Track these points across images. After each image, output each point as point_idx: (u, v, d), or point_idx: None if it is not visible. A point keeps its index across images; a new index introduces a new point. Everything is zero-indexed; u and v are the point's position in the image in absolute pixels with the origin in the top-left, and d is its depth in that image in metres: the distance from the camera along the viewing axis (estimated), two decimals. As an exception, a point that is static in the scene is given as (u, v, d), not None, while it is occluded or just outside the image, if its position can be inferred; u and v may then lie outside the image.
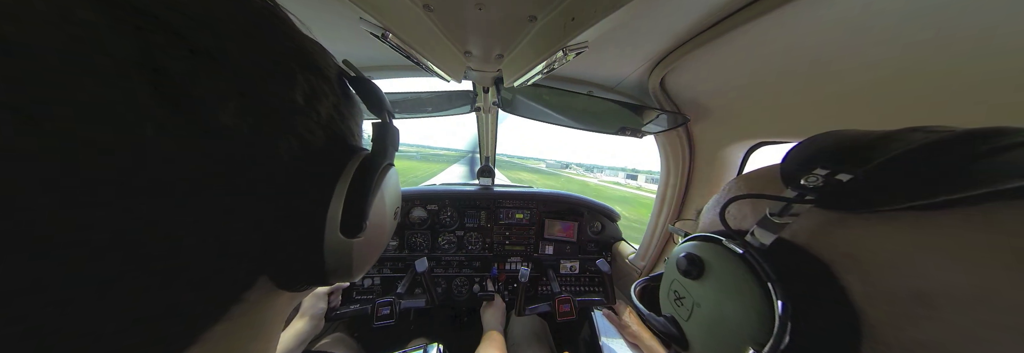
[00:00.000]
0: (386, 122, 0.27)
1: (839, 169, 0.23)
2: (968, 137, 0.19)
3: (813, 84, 0.68)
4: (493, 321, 1.19)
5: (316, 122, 0.21)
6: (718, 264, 0.27)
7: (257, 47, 0.17)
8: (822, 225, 0.23)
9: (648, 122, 1.10)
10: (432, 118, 1.33)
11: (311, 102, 0.20)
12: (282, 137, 0.18)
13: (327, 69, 0.23)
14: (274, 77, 0.18)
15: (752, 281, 0.24)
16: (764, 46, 0.64)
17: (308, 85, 0.20)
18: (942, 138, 0.20)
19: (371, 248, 0.25)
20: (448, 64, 0.81)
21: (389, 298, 1.16)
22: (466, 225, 1.56)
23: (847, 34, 0.53)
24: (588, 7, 0.51)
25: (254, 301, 0.20)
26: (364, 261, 0.25)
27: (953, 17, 0.43)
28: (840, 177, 0.22)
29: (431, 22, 0.67)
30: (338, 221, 0.21)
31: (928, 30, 0.46)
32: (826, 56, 0.60)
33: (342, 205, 0.21)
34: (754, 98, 0.84)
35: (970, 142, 0.19)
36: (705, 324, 0.28)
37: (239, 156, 0.16)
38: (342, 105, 0.24)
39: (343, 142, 0.24)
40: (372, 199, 0.22)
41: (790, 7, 0.50)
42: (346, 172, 0.21)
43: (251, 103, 0.16)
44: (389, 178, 0.26)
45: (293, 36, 0.20)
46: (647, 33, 0.70)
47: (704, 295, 0.28)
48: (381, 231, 0.27)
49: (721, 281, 0.27)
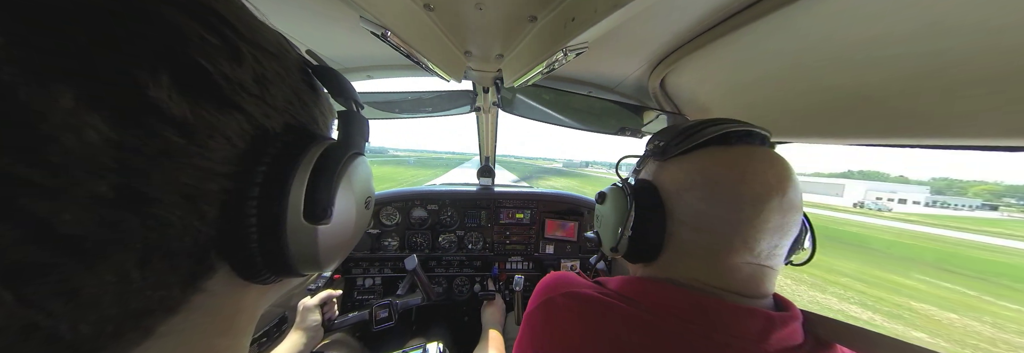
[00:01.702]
0: (352, 111, 0.27)
1: (664, 140, 0.47)
2: (697, 123, 0.45)
3: (812, 84, 0.68)
4: (493, 320, 1.19)
5: (271, 105, 0.21)
6: (611, 194, 0.51)
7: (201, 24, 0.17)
8: (655, 169, 0.48)
9: (648, 122, 1.10)
10: (432, 118, 1.33)
11: (263, 84, 0.20)
12: (229, 116, 0.18)
13: (283, 54, 0.22)
14: (218, 54, 0.17)
15: (623, 198, 0.47)
16: (764, 47, 0.64)
17: (259, 66, 0.20)
18: (690, 124, 0.45)
19: (340, 237, 0.25)
20: (448, 64, 0.81)
21: (386, 301, 1.16)
22: (467, 225, 1.56)
23: (846, 35, 0.53)
24: (588, 7, 0.51)
25: (216, 292, 0.20)
26: (333, 250, 0.24)
27: (952, 18, 0.43)
28: (660, 144, 0.47)
29: (431, 22, 0.68)
30: (301, 207, 0.20)
31: (927, 30, 0.46)
32: (825, 57, 0.60)
33: (304, 190, 0.21)
34: (754, 98, 0.84)
35: (701, 124, 0.44)
36: (605, 227, 0.52)
37: (178, 131, 0.15)
38: (303, 92, 0.24)
39: (305, 129, 0.24)
40: (337, 185, 0.22)
41: (789, 9, 0.50)
42: (308, 158, 0.21)
43: (188, 78, 0.16)
44: (357, 166, 0.26)
45: (242, 17, 0.20)
46: (647, 33, 0.70)
47: (604, 211, 0.53)
48: (350, 220, 0.26)
49: (612, 202, 0.50)
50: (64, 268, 0.13)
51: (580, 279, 0.51)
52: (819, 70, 0.64)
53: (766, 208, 0.38)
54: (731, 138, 0.43)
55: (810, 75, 0.67)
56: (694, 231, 0.42)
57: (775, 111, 0.81)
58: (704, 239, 0.41)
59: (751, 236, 0.39)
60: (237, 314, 0.23)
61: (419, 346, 0.96)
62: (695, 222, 0.42)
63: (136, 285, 0.15)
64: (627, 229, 0.45)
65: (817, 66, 0.63)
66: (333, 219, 0.22)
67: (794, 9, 0.50)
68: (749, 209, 0.38)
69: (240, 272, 0.21)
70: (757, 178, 0.39)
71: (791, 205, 0.40)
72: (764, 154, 0.41)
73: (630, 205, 0.45)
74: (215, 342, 0.21)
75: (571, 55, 0.60)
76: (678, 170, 0.44)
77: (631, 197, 0.46)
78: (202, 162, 0.17)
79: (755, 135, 0.44)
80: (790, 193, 0.40)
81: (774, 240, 0.40)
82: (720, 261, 0.41)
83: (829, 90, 0.67)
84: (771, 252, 0.41)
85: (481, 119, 1.43)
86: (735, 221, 0.39)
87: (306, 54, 0.27)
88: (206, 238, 0.18)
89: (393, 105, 1.24)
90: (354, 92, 0.28)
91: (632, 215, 0.45)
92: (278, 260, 0.21)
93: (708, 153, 0.43)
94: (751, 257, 0.40)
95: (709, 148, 0.43)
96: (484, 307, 1.29)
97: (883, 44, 0.51)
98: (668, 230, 0.44)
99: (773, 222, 0.39)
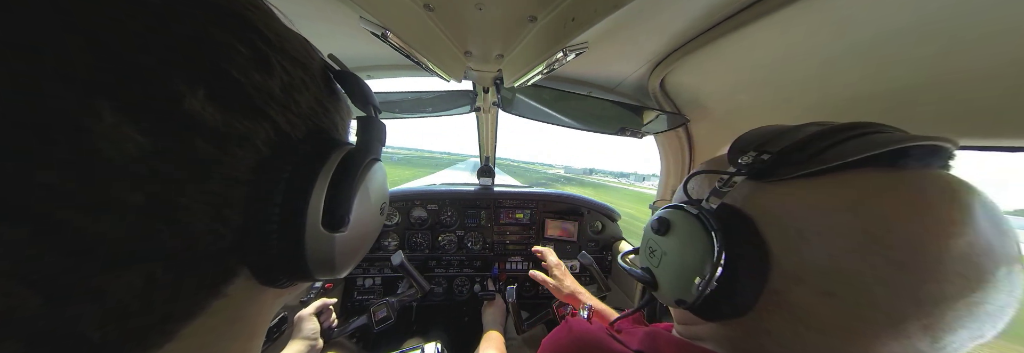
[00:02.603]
0: (371, 117, 0.27)
1: (763, 151, 0.32)
2: (833, 129, 0.30)
3: (812, 84, 0.68)
4: (493, 320, 1.19)
5: (295, 113, 0.21)
6: (679, 223, 0.36)
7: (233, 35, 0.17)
8: (750, 191, 0.33)
9: (648, 123, 1.10)
10: (432, 118, 1.33)
11: (289, 92, 0.20)
12: (257, 125, 0.18)
13: (308, 61, 0.23)
14: (249, 65, 0.17)
15: (701, 232, 0.33)
16: (764, 47, 0.64)
17: (286, 75, 0.20)
18: (822, 130, 0.30)
19: (355, 244, 0.25)
20: (448, 64, 0.81)
21: (383, 300, 1.17)
22: (467, 225, 1.56)
23: (845, 35, 0.53)
24: (588, 7, 0.51)
25: (235, 296, 0.20)
26: (348, 257, 0.24)
27: (949, 20, 0.43)
28: (763, 157, 0.32)
29: (431, 22, 0.68)
30: (320, 214, 0.20)
31: (927, 30, 0.46)
32: (825, 57, 0.60)
33: (324, 198, 0.21)
34: (754, 99, 0.84)
35: (838, 132, 0.30)
36: (668, 267, 0.37)
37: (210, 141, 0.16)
38: (325, 98, 0.24)
39: (326, 135, 0.24)
40: (355, 193, 0.22)
41: (789, 9, 0.50)
42: (328, 165, 0.21)
43: (221, 89, 0.16)
44: (374, 173, 0.26)
45: (272, 26, 0.20)
46: (647, 34, 0.70)
47: (669, 246, 0.38)
48: (366, 227, 0.26)
49: (680, 235, 0.36)
50: (95, 275, 0.13)
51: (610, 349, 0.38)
52: (820, 70, 0.64)
53: (989, 280, 0.24)
54: (907, 156, 0.27)
55: (811, 75, 0.67)
56: (825, 296, 0.27)
57: (776, 111, 0.81)
58: (843, 310, 0.27)
59: (946, 322, 0.24)
60: (254, 317, 0.23)
61: (417, 346, 0.95)
62: (829, 284, 0.27)
63: (163, 290, 0.15)
64: (711, 281, 0.31)
65: (818, 66, 0.63)
66: (350, 226, 0.22)
67: (794, 9, 0.50)
68: (958, 281, 0.24)
69: (259, 277, 0.21)
70: (969, 229, 0.24)
71: (1019, 272, 0.25)
72: (965, 187, 0.26)
73: (718, 247, 0.31)
74: (232, 344, 0.21)
75: (571, 55, 0.60)
76: (803, 201, 0.29)
77: (718, 234, 0.31)
78: (230, 171, 0.17)
79: (942, 153, 0.28)
80: (1014, 251, 0.25)
81: (983, 329, 0.25)
82: (866, 346, 0.26)
83: (831, 90, 0.67)
84: (964, 345, 0.26)
85: (481, 119, 1.43)
86: (923, 297, 0.24)
87: (328, 58, 0.27)
88: (229, 244, 0.18)
89: (393, 105, 1.24)
90: (373, 97, 0.28)
91: (722, 260, 0.31)
92: (296, 266, 0.21)
93: (865, 179, 0.27)
94: (929, 348, 0.25)
95: (864, 171, 0.28)
96: (484, 307, 1.29)
97: (884, 43, 0.51)
98: (769, 286, 0.30)
99: (995, 303, 0.24)
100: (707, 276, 0.31)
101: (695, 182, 0.41)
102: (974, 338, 0.26)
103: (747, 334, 0.33)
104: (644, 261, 0.42)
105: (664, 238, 0.38)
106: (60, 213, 0.12)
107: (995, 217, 0.25)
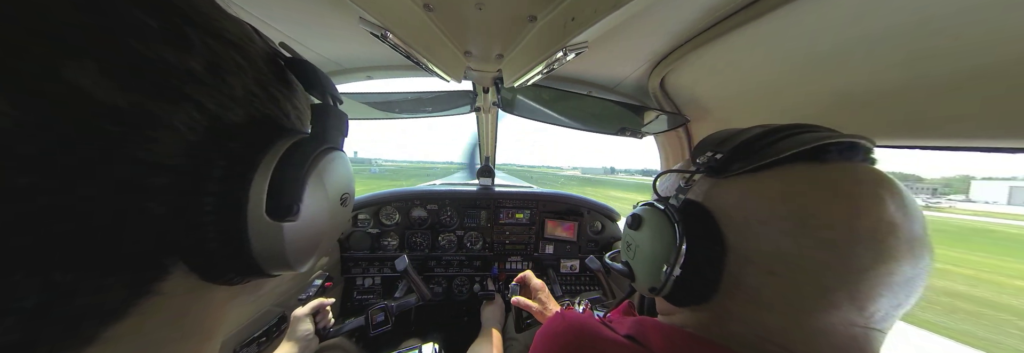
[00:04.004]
0: (327, 105, 0.26)
1: (718, 151, 0.36)
2: (772, 130, 0.35)
3: (812, 84, 0.68)
4: (492, 319, 1.20)
5: (228, 96, 0.19)
6: (649, 218, 0.41)
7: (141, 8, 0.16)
8: (708, 187, 0.37)
9: (648, 122, 1.10)
10: (432, 124, 1.33)
11: (217, 73, 0.19)
12: (175, 106, 0.17)
13: (245, 43, 0.21)
14: (158, 40, 0.16)
15: (667, 225, 0.37)
16: (763, 47, 0.64)
17: (211, 54, 0.19)
18: (764, 131, 0.35)
19: (311, 234, 0.24)
20: (448, 64, 0.81)
21: (382, 304, 1.15)
22: (466, 225, 1.56)
23: (845, 35, 0.53)
24: (588, 7, 0.51)
25: (174, 294, 0.18)
26: (304, 248, 0.23)
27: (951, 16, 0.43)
28: (717, 156, 0.36)
29: (431, 22, 0.68)
30: (263, 203, 0.19)
31: (928, 29, 0.46)
32: (825, 56, 0.60)
33: (267, 185, 0.19)
34: (754, 98, 0.84)
35: (775, 132, 0.35)
36: (641, 258, 0.42)
37: (109, 120, 0.14)
38: (271, 85, 0.23)
39: (272, 122, 0.23)
40: (305, 180, 0.21)
41: (789, 8, 0.50)
42: (273, 151, 0.20)
43: (119, 63, 0.15)
44: (331, 161, 0.25)
45: (194, 4, 0.19)
46: (647, 33, 0.70)
47: (641, 239, 0.42)
48: (323, 216, 0.25)
49: (650, 228, 0.40)
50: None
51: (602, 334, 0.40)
52: (820, 70, 0.64)
53: (894, 255, 0.28)
54: (828, 152, 0.32)
55: (812, 75, 0.67)
56: (769, 275, 0.31)
57: (776, 110, 0.81)
58: (784, 287, 0.31)
59: (866, 291, 0.29)
60: (203, 317, 0.22)
61: (414, 347, 0.95)
62: (771, 264, 0.31)
63: (67, 289, 0.14)
64: (675, 267, 0.35)
65: (819, 66, 0.63)
66: (302, 216, 0.21)
67: (794, 8, 0.50)
68: (868, 255, 0.28)
69: (200, 273, 0.19)
70: (876, 211, 0.29)
71: (923, 248, 0.29)
72: (876, 176, 0.31)
73: (679, 237, 0.35)
74: (177, 346, 0.20)
75: (571, 55, 0.60)
76: (747, 193, 0.34)
77: (679, 225, 0.36)
78: (142, 154, 0.15)
79: (858, 148, 0.33)
80: (919, 231, 0.29)
81: (899, 298, 0.30)
82: (808, 319, 0.31)
83: (832, 90, 0.67)
84: (889, 313, 0.30)
85: (481, 119, 1.44)
86: (844, 270, 0.29)
87: (280, 47, 0.26)
88: (153, 237, 0.16)
89: (393, 105, 1.24)
90: (331, 86, 0.27)
91: (683, 250, 0.35)
92: (240, 260, 0.20)
93: (795, 172, 0.32)
94: (859, 317, 0.30)
95: (795, 165, 0.32)
96: (483, 306, 1.29)
97: (884, 42, 0.51)
98: (726, 269, 0.34)
99: (902, 274, 0.29)
100: (672, 262, 0.36)
101: (665, 181, 0.46)
102: (895, 306, 0.30)
103: (717, 319, 0.36)
104: (624, 255, 0.47)
105: (637, 232, 0.43)
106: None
107: (902, 202, 0.30)
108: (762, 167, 0.33)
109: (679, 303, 0.39)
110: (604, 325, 0.42)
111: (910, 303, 0.31)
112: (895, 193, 0.30)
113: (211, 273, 0.20)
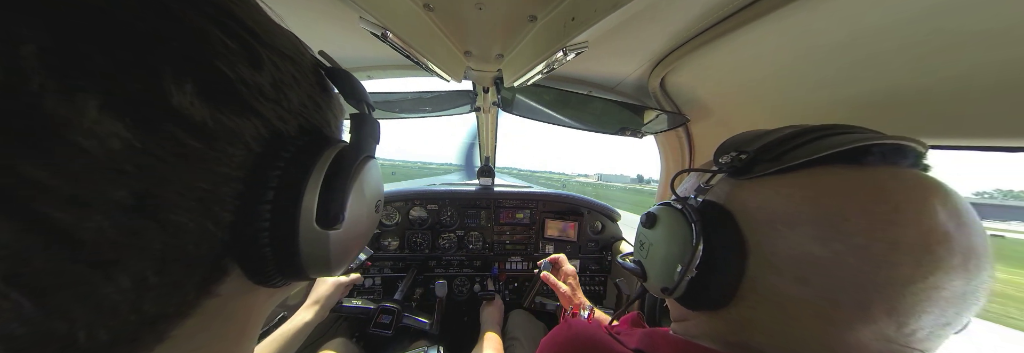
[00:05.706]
0: (364, 114, 0.27)
1: (742, 151, 0.34)
2: (805, 130, 0.33)
3: (813, 84, 0.68)
4: (491, 320, 1.20)
5: (287, 109, 0.21)
6: (664, 217, 0.39)
7: (221, 30, 0.17)
8: (730, 188, 0.35)
9: (648, 122, 1.10)
10: (434, 124, 1.33)
11: (280, 88, 0.20)
12: (247, 121, 0.18)
13: (298, 56, 0.22)
14: (237, 60, 0.17)
15: (683, 224, 0.35)
16: (764, 47, 0.64)
17: (276, 70, 0.20)
18: (795, 131, 0.33)
19: (350, 241, 0.25)
20: (448, 64, 0.81)
21: (394, 307, 1.15)
22: (466, 225, 1.56)
23: (846, 34, 0.53)
24: (588, 7, 0.51)
25: (227, 296, 0.20)
26: (343, 255, 0.24)
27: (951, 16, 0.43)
28: (741, 156, 0.34)
29: (431, 22, 0.67)
30: (313, 212, 0.20)
31: (929, 29, 0.46)
32: (825, 56, 0.60)
33: (317, 195, 0.20)
34: (754, 98, 0.84)
35: (805, 133, 0.32)
36: (654, 257, 0.40)
37: (198, 137, 0.15)
38: (317, 95, 0.24)
39: (319, 132, 0.24)
40: (350, 190, 0.22)
41: (789, 9, 0.50)
42: (321, 162, 0.21)
43: (210, 84, 0.16)
44: (368, 170, 0.25)
45: (259, 21, 0.20)
46: (647, 33, 0.70)
47: (655, 238, 0.40)
48: (361, 224, 0.26)
49: (665, 227, 0.38)
50: (83, 274, 0.13)
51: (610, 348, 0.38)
52: (820, 69, 0.64)
53: (942, 267, 0.25)
54: (870, 154, 0.29)
55: (812, 75, 0.67)
56: (796, 283, 0.29)
57: (776, 110, 0.81)
58: (812, 296, 0.28)
59: (907, 306, 0.26)
60: (247, 317, 0.23)
61: (421, 349, 0.95)
62: (798, 270, 0.29)
63: (153, 290, 0.15)
64: (690, 268, 0.33)
65: (819, 66, 0.63)
66: (345, 224, 0.22)
67: (794, 8, 0.50)
68: (909, 265, 0.25)
69: (251, 276, 0.20)
70: (922, 218, 0.26)
71: (981, 262, 0.26)
72: (924, 181, 0.28)
73: (696, 236, 0.33)
74: (225, 344, 0.21)
75: (571, 55, 0.60)
76: (774, 195, 0.31)
77: (697, 225, 0.33)
78: (219, 167, 0.17)
79: (906, 152, 0.30)
80: (978, 243, 0.26)
81: (947, 315, 0.26)
82: (839, 333, 0.28)
83: (831, 89, 0.67)
84: (934, 332, 0.27)
85: (481, 119, 1.44)
86: (882, 281, 0.26)
87: (319, 55, 0.26)
88: (220, 242, 0.18)
89: (393, 105, 1.24)
90: (366, 94, 0.28)
91: (700, 250, 0.33)
92: (290, 264, 0.21)
93: (829, 174, 0.30)
94: (898, 334, 0.26)
95: (830, 167, 0.30)
96: (483, 307, 1.29)
97: (885, 42, 0.51)
98: (747, 274, 0.31)
99: (952, 289, 0.25)
100: (687, 263, 0.34)
101: (684, 181, 0.44)
102: (942, 325, 0.27)
103: (736, 327, 0.34)
104: (636, 254, 0.46)
105: (651, 231, 0.41)
106: (43, 209, 0.12)
107: (956, 210, 0.27)
108: (793, 168, 0.31)
109: (693, 307, 0.36)
110: (611, 336, 0.41)
111: (961, 323, 0.27)
112: (948, 200, 0.27)
113: (261, 277, 0.21)
